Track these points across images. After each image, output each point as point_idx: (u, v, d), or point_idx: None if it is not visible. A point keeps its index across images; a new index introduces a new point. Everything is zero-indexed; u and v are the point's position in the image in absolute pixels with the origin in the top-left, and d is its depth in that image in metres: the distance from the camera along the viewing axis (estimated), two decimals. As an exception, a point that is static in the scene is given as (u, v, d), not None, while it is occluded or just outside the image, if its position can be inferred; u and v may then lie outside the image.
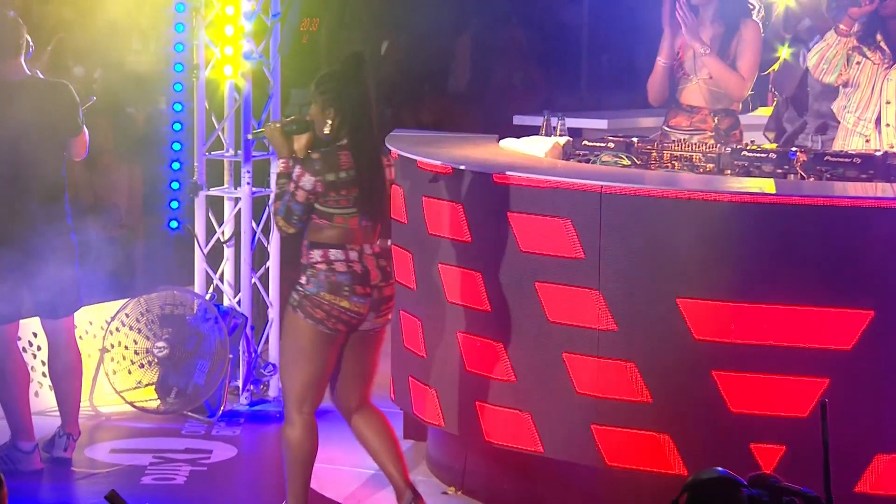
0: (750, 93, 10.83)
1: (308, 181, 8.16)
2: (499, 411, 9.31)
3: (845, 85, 10.26)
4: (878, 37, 10.25)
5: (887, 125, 10.08)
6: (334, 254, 8.33)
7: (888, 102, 10.12)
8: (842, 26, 10.27)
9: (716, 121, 10.50)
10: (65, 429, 9.98)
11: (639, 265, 8.71)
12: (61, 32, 10.74)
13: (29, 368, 10.43)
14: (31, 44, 9.87)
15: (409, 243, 9.89)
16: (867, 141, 10.04)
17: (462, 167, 9.29)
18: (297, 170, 8.32)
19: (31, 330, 10.87)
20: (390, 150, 9.68)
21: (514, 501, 9.35)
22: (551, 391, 9.02)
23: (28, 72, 9.84)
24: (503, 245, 9.19)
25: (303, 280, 8.42)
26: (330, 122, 8.32)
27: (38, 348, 10.95)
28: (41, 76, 9.93)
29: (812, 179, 9.11)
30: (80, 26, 11.77)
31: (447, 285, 9.52)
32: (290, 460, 8.74)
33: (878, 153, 9.35)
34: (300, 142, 8.42)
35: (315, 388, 8.70)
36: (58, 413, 10.23)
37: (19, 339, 10.52)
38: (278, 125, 8.55)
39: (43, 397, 10.75)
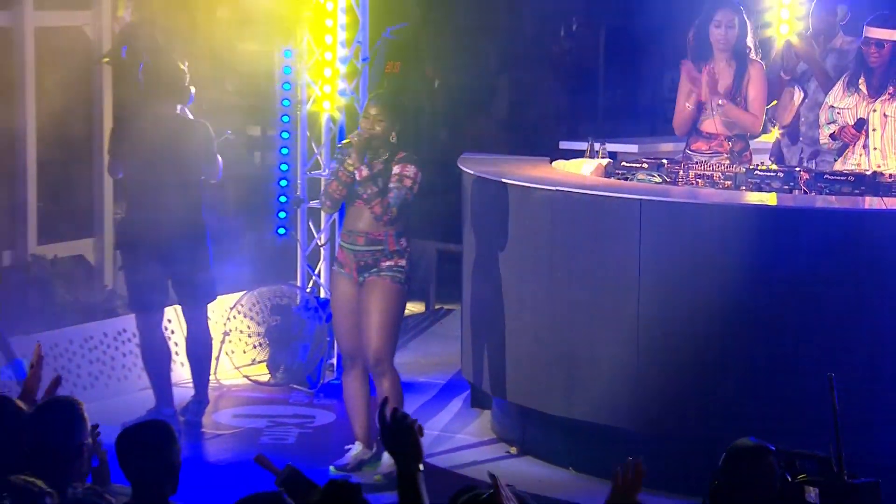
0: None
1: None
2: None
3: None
4: (861, 80, 10.22)
5: (875, 149, 10.11)
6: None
7: (874, 129, 10.12)
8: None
9: (730, 145, 10.42)
10: (197, 397, 10.40)
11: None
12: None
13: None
14: (192, 92, 10.15)
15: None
16: (857, 165, 10.06)
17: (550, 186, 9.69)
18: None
19: (167, 317, 10.96)
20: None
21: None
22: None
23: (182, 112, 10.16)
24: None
25: (402, 262, 9.23)
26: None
27: (172, 332, 11.15)
28: (190, 115, 10.20)
29: (813, 194, 9.45)
30: (213, 81, 11.86)
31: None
32: (396, 395, 9.33)
33: (867, 172, 9.61)
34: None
35: None
36: (190, 384, 10.55)
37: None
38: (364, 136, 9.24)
39: (176, 372, 10.78)
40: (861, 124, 10.16)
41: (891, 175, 9.70)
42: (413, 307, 13.44)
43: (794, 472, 6.30)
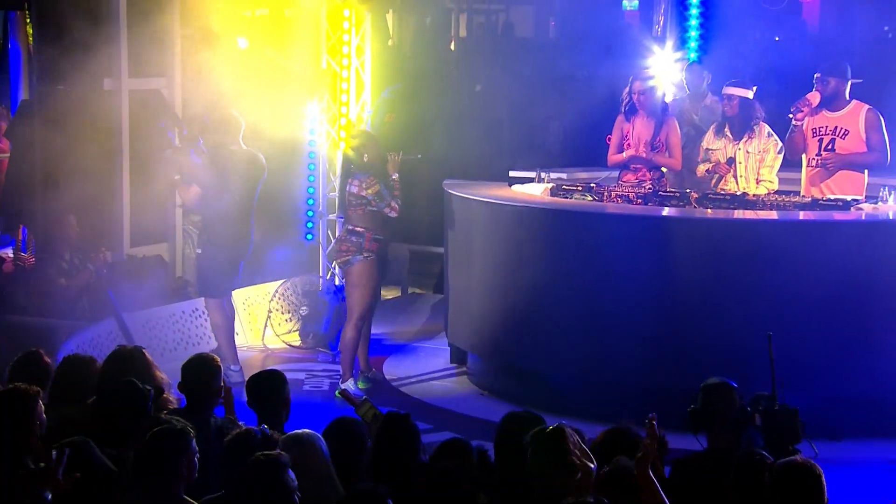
0: None
1: None
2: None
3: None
4: (726, 129, 10.21)
5: (741, 176, 10.10)
6: None
7: (740, 163, 10.10)
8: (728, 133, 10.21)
9: (651, 175, 10.33)
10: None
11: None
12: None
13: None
14: (243, 125, 10.09)
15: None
16: (729, 189, 10.03)
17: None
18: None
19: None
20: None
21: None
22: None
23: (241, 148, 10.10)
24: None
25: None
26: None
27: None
28: (245, 147, 10.13)
29: (698, 207, 9.50)
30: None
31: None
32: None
33: (738, 193, 9.78)
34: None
35: None
36: (247, 348, 10.82)
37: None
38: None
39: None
40: (731, 161, 10.16)
41: (754, 195, 9.76)
42: (391, 292, 13.34)
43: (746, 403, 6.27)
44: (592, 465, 5.08)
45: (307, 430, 5.63)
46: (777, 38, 17.38)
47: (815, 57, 15.63)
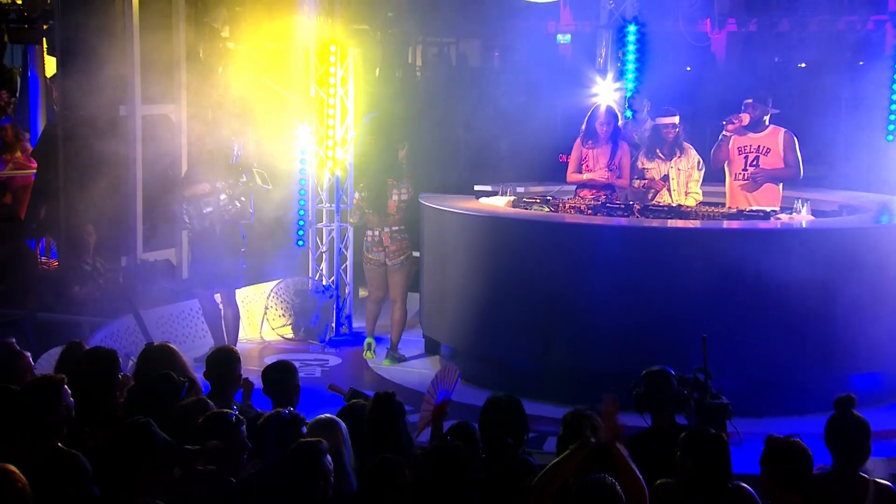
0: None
1: None
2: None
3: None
4: (657, 151, 10.36)
5: (673, 190, 10.28)
6: None
7: (672, 178, 10.28)
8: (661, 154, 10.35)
9: (605, 192, 10.40)
10: None
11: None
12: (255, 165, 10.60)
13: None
14: (238, 149, 10.09)
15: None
16: (664, 201, 10.17)
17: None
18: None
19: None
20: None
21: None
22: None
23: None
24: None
25: None
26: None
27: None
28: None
29: (641, 217, 9.59)
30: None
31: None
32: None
33: (673, 205, 9.98)
34: None
35: None
36: (247, 342, 10.80)
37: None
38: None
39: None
40: (665, 178, 10.33)
41: (687, 206, 9.95)
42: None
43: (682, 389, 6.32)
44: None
45: (329, 415, 5.69)
46: (689, 69, 17.79)
47: (721, 84, 16.00)
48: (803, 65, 18.76)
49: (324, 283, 11.61)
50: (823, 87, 15.92)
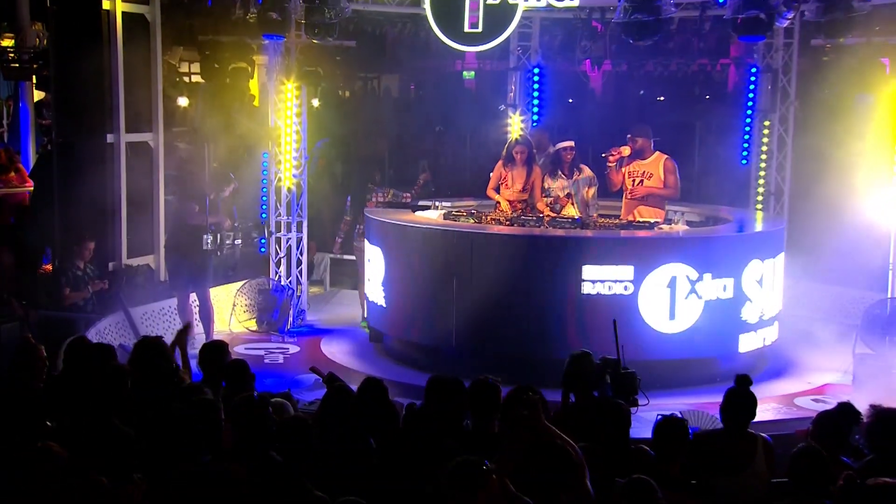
0: None
1: None
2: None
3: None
4: (559, 171, 10.44)
5: (574, 205, 10.38)
6: None
7: (574, 194, 10.40)
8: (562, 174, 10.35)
9: (521, 205, 10.38)
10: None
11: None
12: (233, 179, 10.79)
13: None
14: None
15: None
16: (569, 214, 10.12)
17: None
18: None
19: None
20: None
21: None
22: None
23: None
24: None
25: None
26: None
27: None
28: None
29: (547, 227, 9.60)
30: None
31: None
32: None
33: (576, 217, 10.00)
34: None
35: None
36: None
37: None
38: None
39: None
40: (569, 195, 10.37)
41: (587, 218, 10.05)
42: (317, 289, 13.17)
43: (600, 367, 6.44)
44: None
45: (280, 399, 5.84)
46: (570, 101, 18.22)
47: (598, 113, 16.43)
48: (662, 98, 19.44)
49: (282, 283, 11.63)
50: (679, 116, 16.33)
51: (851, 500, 4.38)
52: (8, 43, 12.79)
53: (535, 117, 12.56)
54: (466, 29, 8.70)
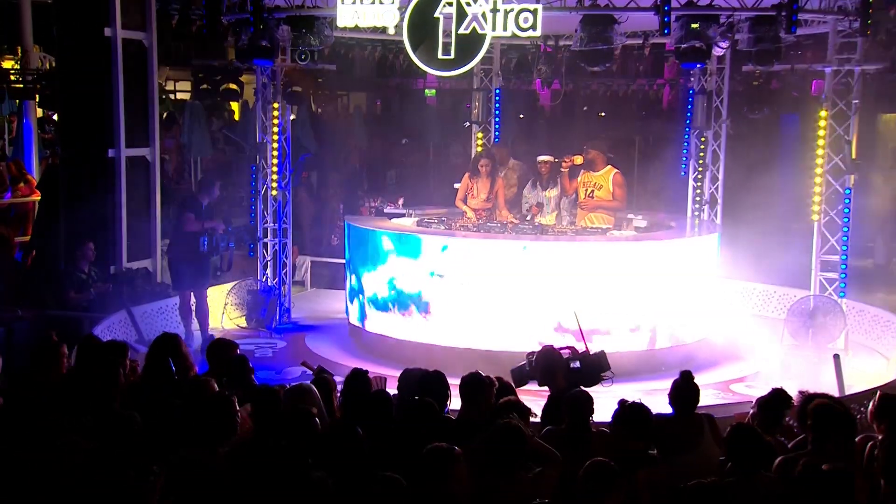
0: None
1: None
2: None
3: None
4: (536, 182, 10.41)
5: (549, 213, 10.37)
6: None
7: (546, 203, 10.39)
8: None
9: (486, 213, 10.44)
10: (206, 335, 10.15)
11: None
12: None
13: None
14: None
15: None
16: (539, 222, 10.14)
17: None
18: None
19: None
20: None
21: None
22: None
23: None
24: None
25: None
26: None
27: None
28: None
29: (510, 233, 9.51)
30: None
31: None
32: None
33: (536, 223, 10.03)
34: None
35: None
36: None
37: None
38: None
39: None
40: (541, 205, 10.51)
41: (548, 224, 10.09)
42: (299, 289, 13.00)
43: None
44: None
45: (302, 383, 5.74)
46: (521, 116, 18.36)
47: (547, 127, 16.51)
48: (602, 114, 19.68)
49: (269, 284, 11.59)
50: (620, 132, 16.49)
51: (808, 485, 4.37)
52: (9, 64, 12.65)
53: (496, 133, 12.60)
54: (440, 56, 8.77)
